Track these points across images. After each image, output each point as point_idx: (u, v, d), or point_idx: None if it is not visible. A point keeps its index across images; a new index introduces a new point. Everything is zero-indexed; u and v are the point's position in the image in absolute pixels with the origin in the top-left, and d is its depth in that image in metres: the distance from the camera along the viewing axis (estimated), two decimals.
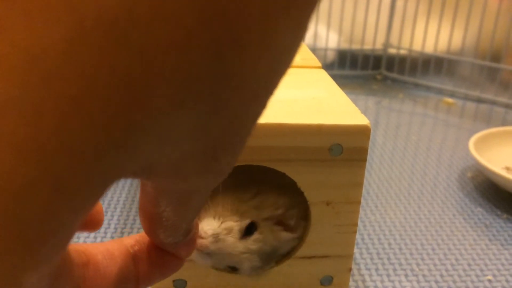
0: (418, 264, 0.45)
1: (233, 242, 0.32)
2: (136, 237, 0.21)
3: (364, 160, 0.34)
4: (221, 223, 0.33)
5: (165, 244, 0.20)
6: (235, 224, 0.33)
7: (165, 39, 0.11)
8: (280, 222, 0.34)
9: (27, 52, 0.10)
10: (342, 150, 0.33)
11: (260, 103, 0.15)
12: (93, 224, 0.20)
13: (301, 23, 0.13)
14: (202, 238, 0.32)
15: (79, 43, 0.10)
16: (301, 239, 0.36)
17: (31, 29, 0.10)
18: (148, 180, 0.16)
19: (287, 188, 0.34)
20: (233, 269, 0.34)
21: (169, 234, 0.19)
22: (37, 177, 0.11)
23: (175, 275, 0.36)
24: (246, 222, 0.33)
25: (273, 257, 0.36)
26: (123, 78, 0.11)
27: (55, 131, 0.11)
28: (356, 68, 1.06)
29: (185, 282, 0.37)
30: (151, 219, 0.19)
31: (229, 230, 0.33)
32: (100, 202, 0.20)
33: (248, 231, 0.33)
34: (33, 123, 0.10)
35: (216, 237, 0.32)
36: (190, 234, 0.21)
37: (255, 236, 0.33)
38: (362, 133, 0.33)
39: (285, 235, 0.35)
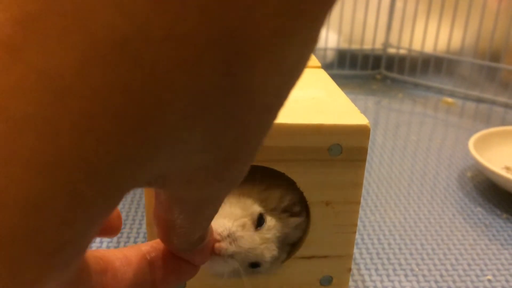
0: (418, 264, 0.45)
1: (250, 236, 0.32)
2: (152, 244, 0.22)
3: (363, 160, 0.34)
4: (234, 221, 0.32)
5: (179, 250, 0.21)
6: (247, 219, 0.33)
7: (176, 57, 0.11)
8: (285, 211, 0.35)
9: (42, 73, 0.11)
10: (342, 150, 0.33)
11: (271, 115, 0.15)
12: (112, 230, 0.21)
13: (310, 38, 0.14)
14: (219, 241, 0.32)
15: (92, 62, 0.11)
16: (305, 231, 0.36)
17: (46, 50, 0.11)
18: (161, 189, 0.16)
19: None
20: (255, 267, 0.34)
21: (183, 241, 0.20)
22: (53, 190, 0.11)
23: None
24: (256, 214, 0.33)
25: (285, 245, 0.36)
26: (136, 96, 0.11)
27: (70, 147, 0.11)
28: (356, 68, 1.06)
29: (184, 283, 0.37)
30: (165, 226, 0.19)
31: (243, 226, 0.33)
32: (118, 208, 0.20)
33: (259, 222, 0.33)
34: (50, 139, 0.11)
35: (233, 236, 0.32)
36: (204, 241, 0.21)
37: (267, 224, 0.33)
38: (361, 133, 0.33)
39: (293, 220, 0.35)
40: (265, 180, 0.35)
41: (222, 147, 0.14)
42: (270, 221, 0.34)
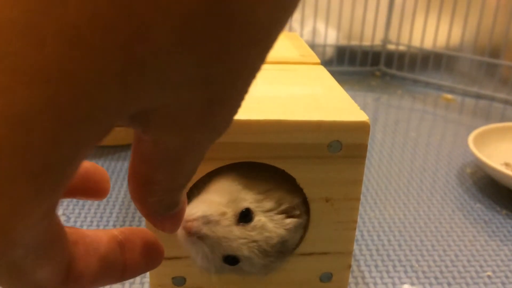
0: (417, 261, 0.45)
1: (227, 225, 0.31)
2: (121, 229, 0.21)
3: (363, 156, 0.34)
4: (211, 206, 0.31)
5: (152, 213, 0.20)
6: (229, 210, 0.31)
7: None
8: (284, 213, 0.33)
9: None
10: (341, 147, 0.33)
11: (259, 53, 0.15)
12: (100, 192, 0.21)
13: None
14: (190, 221, 0.30)
15: None
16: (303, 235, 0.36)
17: None
18: (144, 131, 0.16)
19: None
20: (233, 262, 0.33)
21: (157, 200, 0.19)
22: (40, 103, 0.11)
23: (175, 272, 0.36)
24: (241, 207, 0.32)
25: (283, 250, 0.34)
26: (123, 9, 0.11)
27: (57, 58, 0.11)
28: (355, 64, 1.06)
29: (184, 279, 0.37)
30: (142, 182, 0.19)
31: (222, 214, 0.31)
32: (107, 172, 0.20)
33: (244, 218, 0.32)
34: (36, 48, 0.11)
35: (206, 219, 0.30)
36: (178, 206, 0.21)
37: (253, 223, 0.32)
38: (361, 129, 0.33)
39: (289, 221, 0.33)
40: (271, 181, 0.34)
41: (209, 84, 0.14)
42: (258, 221, 0.32)
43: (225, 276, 0.36)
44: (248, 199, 0.33)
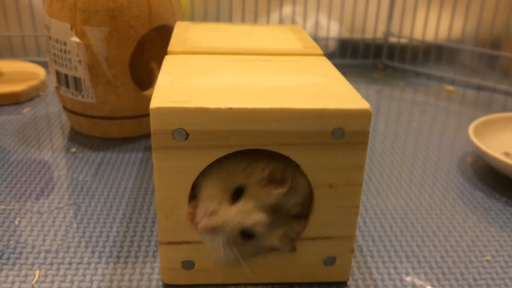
0: (419, 246, 0.46)
1: (226, 208, 0.35)
2: None
3: (365, 143, 0.35)
4: (210, 200, 0.35)
5: None
6: (223, 196, 0.35)
7: None
8: (271, 180, 0.36)
9: None
10: (344, 134, 0.34)
11: None
12: None
13: None
14: (198, 223, 0.35)
15: None
16: (304, 199, 0.37)
17: None
18: None
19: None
20: (250, 237, 0.36)
21: None
22: None
23: (184, 256, 0.38)
24: (232, 189, 0.35)
25: (282, 213, 0.36)
26: None
27: None
28: (357, 57, 1.07)
29: (193, 263, 0.38)
30: None
31: (219, 203, 0.35)
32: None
33: (238, 195, 0.35)
34: None
35: (208, 212, 0.35)
36: None
37: (245, 196, 0.35)
38: (363, 117, 0.34)
39: (275, 192, 0.35)
40: (249, 156, 0.36)
41: None
42: (249, 193, 0.35)
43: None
44: (236, 177, 0.35)
